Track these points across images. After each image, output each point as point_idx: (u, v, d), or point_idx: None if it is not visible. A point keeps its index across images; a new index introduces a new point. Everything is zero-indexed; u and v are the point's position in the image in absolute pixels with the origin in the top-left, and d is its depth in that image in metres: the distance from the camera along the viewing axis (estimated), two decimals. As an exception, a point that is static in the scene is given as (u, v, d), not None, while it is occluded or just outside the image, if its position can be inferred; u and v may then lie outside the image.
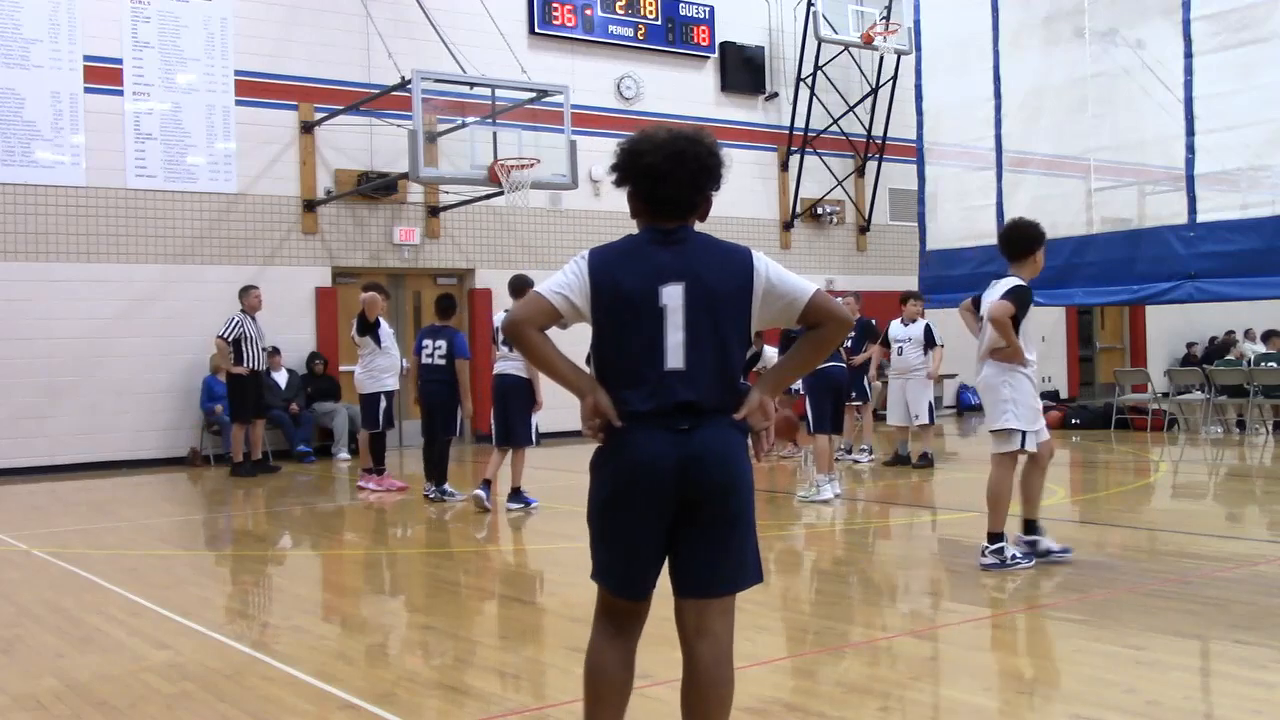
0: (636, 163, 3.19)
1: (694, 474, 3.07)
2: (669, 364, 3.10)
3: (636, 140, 3.22)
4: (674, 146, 3.16)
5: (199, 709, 4.44)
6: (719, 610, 3.17)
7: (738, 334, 3.18)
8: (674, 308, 3.11)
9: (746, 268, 3.18)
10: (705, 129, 3.30)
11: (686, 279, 3.13)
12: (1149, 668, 4.69)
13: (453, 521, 9.80)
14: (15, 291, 13.86)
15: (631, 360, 3.13)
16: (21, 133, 13.98)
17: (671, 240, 3.19)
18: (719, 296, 3.14)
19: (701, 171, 3.18)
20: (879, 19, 19.26)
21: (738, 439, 3.17)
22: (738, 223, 19.22)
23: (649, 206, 3.22)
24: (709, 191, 3.23)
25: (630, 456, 3.10)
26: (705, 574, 3.15)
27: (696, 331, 3.11)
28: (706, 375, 3.11)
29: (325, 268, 15.91)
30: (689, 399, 3.08)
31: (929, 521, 9.23)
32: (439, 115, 15.51)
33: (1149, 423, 16.03)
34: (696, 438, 3.08)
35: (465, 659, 5.24)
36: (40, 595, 6.74)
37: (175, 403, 14.74)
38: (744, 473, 3.16)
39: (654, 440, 3.08)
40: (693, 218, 3.25)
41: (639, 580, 3.18)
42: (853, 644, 5.28)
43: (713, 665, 3.16)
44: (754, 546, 3.22)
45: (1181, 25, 13.56)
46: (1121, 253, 14.52)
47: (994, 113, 15.91)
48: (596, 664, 3.24)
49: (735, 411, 3.15)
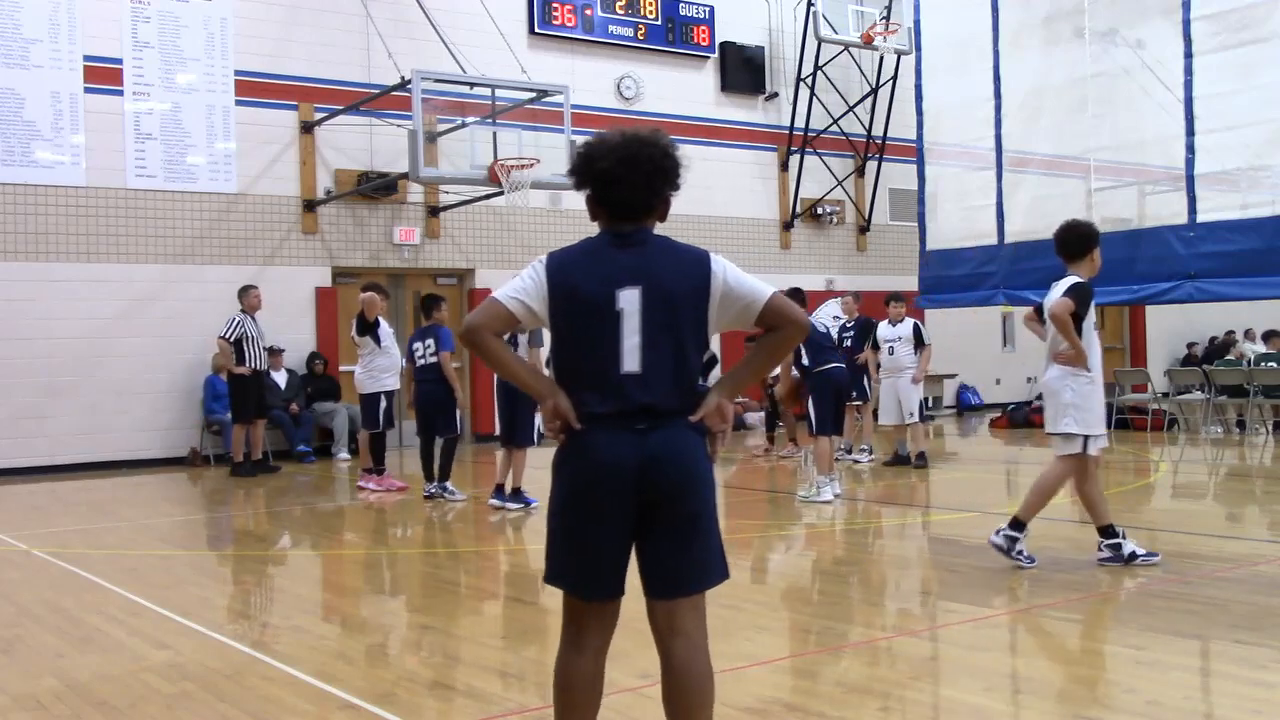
0: (590, 167, 3.21)
1: (652, 475, 3.10)
2: (625, 367, 3.12)
3: (591, 145, 3.24)
4: (627, 150, 3.17)
5: (199, 709, 4.44)
6: (689, 608, 3.20)
7: (695, 337, 3.20)
8: (630, 311, 3.13)
9: (704, 270, 3.20)
10: (661, 129, 3.30)
11: (643, 282, 3.15)
12: (1149, 668, 4.69)
13: (453, 521, 9.81)
14: (15, 291, 13.86)
15: (589, 363, 3.16)
16: (21, 133, 13.99)
17: (629, 243, 3.21)
18: (675, 299, 3.16)
19: (655, 174, 3.19)
20: (879, 19, 19.27)
21: (695, 440, 3.19)
22: (737, 223, 19.24)
23: (605, 210, 3.24)
24: (665, 194, 3.24)
25: (590, 458, 3.13)
26: (671, 575, 3.18)
27: (653, 334, 3.13)
28: (663, 378, 3.14)
29: (325, 268, 15.91)
30: (646, 401, 3.11)
31: (929, 521, 9.23)
32: (439, 115, 15.51)
33: (1149, 423, 16.03)
34: (654, 439, 3.11)
35: (465, 659, 5.24)
36: (40, 595, 6.74)
37: (175, 403, 14.74)
38: (702, 473, 3.19)
39: (613, 442, 3.10)
40: (651, 219, 3.27)
41: (596, 581, 3.19)
42: (853, 644, 5.28)
43: (689, 661, 3.19)
44: (718, 544, 3.24)
45: (1181, 25, 13.57)
46: (1121, 253, 14.49)
47: (994, 113, 15.91)
48: (564, 672, 3.25)
49: (692, 414, 3.17)
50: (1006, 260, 15.92)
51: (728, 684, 4.54)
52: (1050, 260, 17.19)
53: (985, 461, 14.12)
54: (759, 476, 12.64)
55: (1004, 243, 15.95)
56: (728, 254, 14.11)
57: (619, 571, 3.19)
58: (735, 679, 4.62)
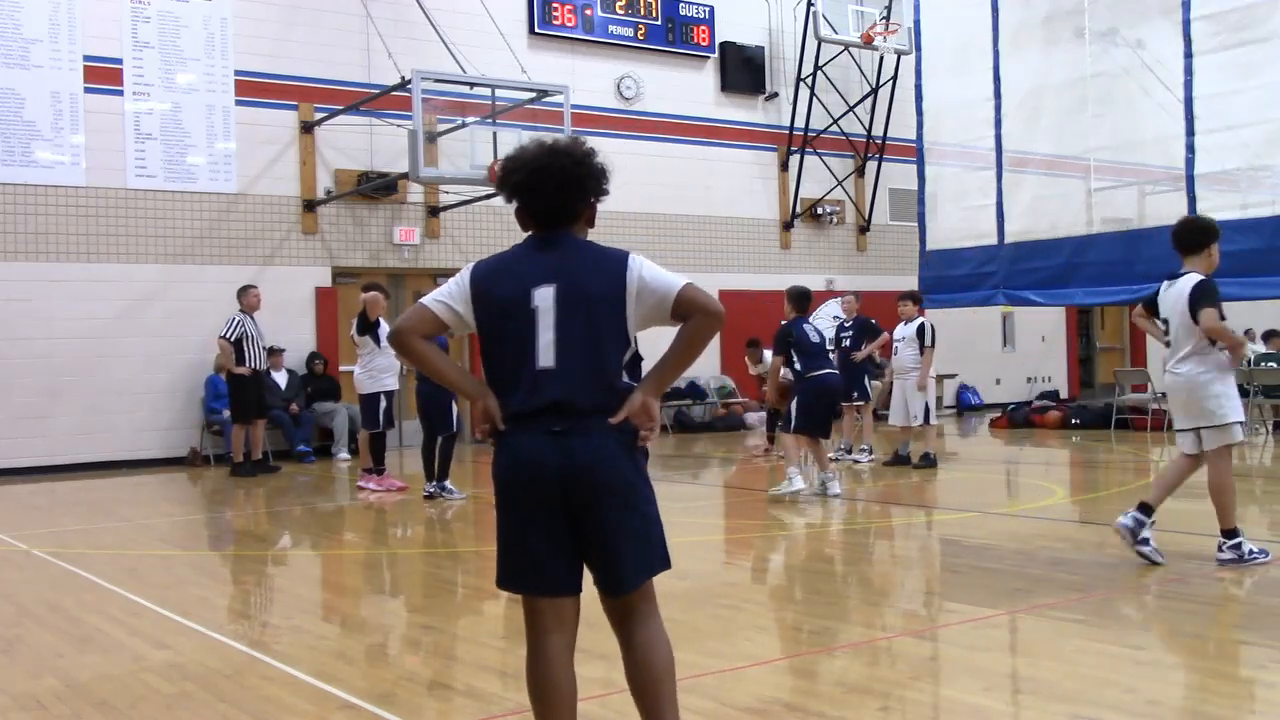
0: (508, 180, 3.34)
1: (572, 480, 3.16)
2: (540, 363, 3.19)
3: (509, 158, 3.37)
4: (538, 163, 3.28)
5: (199, 709, 4.44)
6: (638, 598, 3.29)
7: (614, 335, 3.24)
8: (545, 309, 3.21)
9: (620, 268, 3.25)
10: (580, 138, 3.39)
11: (559, 280, 3.22)
12: (1149, 668, 4.69)
13: (453, 521, 9.81)
14: (15, 291, 13.86)
15: (508, 362, 3.24)
16: (21, 133, 13.99)
17: (548, 245, 3.31)
18: (592, 297, 3.21)
19: (567, 184, 3.29)
20: (879, 19, 19.26)
21: (615, 443, 3.22)
22: (737, 223, 19.24)
23: (529, 218, 3.35)
24: (581, 201, 3.32)
25: (511, 456, 3.24)
26: (609, 574, 3.26)
27: (568, 331, 3.19)
28: (578, 374, 3.18)
29: (325, 268, 15.91)
30: (559, 397, 3.16)
31: (929, 521, 9.23)
32: (439, 115, 15.50)
33: (1149, 423, 16.02)
34: (571, 443, 3.16)
35: (465, 659, 5.24)
36: (40, 595, 6.74)
37: (175, 403, 14.74)
38: (625, 471, 3.22)
39: (531, 441, 3.19)
40: (575, 225, 3.35)
41: (538, 577, 3.26)
42: (853, 644, 5.28)
43: (646, 643, 3.28)
44: (656, 535, 3.30)
45: (1181, 25, 13.57)
46: (1121, 253, 14.52)
47: (994, 113, 15.91)
48: (533, 674, 3.32)
49: (615, 412, 3.21)
50: (1006, 260, 15.92)
51: (728, 684, 4.55)
52: (1050, 260, 17.19)
53: (985, 461, 14.12)
54: (759, 476, 12.63)
55: (1004, 243, 15.96)
56: (728, 254, 14.25)
57: (563, 568, 3.25)
58: (735, 679, 4.62)
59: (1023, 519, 9.09)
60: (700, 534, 8.87)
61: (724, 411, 18.56)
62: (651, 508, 3.31)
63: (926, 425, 12.26)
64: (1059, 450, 14.93)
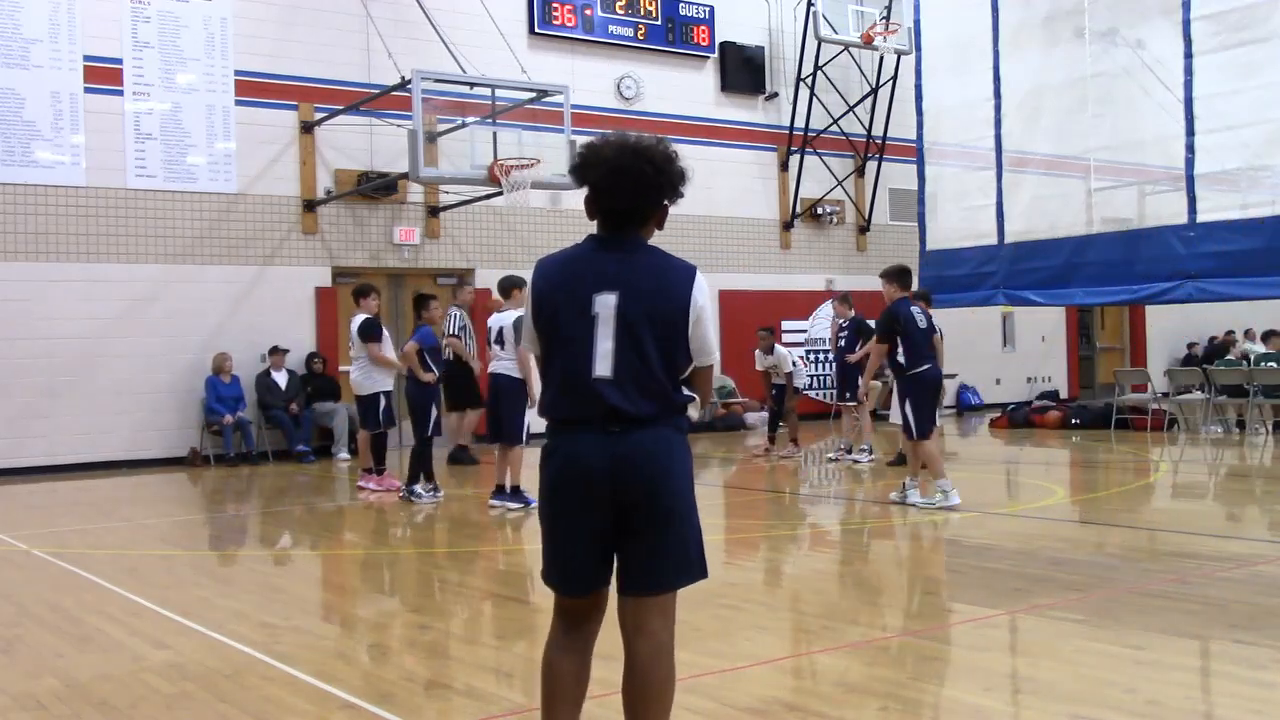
0: (585, 175, 3.26)
1: (624, 476, 3.15)
2: (596, 371, 3.17)
3: (588, 149, 3.28)
4: (619, 161, 3.20)
5: (199, 709, 4.44)
6: (656, 608, 3.24)
7: (671, 351, 3.21)
8: (605, 316, 3.17)
9: (686, 290, 3.23)
10: (664, 138, 3.31)
11: (621, 288, 3.18)
12: (1149, 668, 4.69)
13: (452, 521, 9.80)
14: (15, 291, 13.85)
15: (564, 366, 3.22)
16: (21, 133, 13.98)
17: (614, 249, 3.25)
18: (654, 312, 3.18)
19: (645, 188, 3.21)
20: (879, 19, 19.26)
21: (669, 438, 3.22)
22: (738, 222, 19.23)
23: (599, 215, 3.30)
24: (654, 206, 3.26)
25: (562, 458, 3.22)
26: (641, 572, 3.23)
27: (627, 340, 3.16)
28: (635, 384, 3.16)
29: (325, 268, 15.90)
30: (616, 406, 3.15)
31: (929, 521, 9.22)
32: (439, 115, 15.50)
33: (1149, 423, 16.02)
34: (627, 440, 3.15)
35: (464, 659, 5.24)
36: (40, 595, 6.74)
37: (175, 403, 14.73)
38: (676, 473, 3.22)
39: (584, 442, 3.17)
40: (645, 228, 3.30)
41: (576, 577, 3.26)
42: (853, 644, 5.28)
43: (650, 660, 3.23)
44: (695, 542, 3.29)
45: (1181, 25, 13.57)
46: (1121, 253, 14.52)
47: (994, 113, 15.91)
48: (551, 663, 3.32)
49: (673, 419, 3.22)
50: (1006, 260, 15.92)
51: (728, 684, 4.55)
52: (1050, 260, 17.24)
53: (985, 461, 14.12)
54: (759, 476, 12.63)
55: (1004, 243, 15.96)
56: (728, 254, 14.26)
57: (597, 568, 3.25)
58: (735, 679, 4.62)
59: (1023, 519, 9.10)
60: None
61: (724, 411, 18.56)
62: (695, 514, 3.30)
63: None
64: (1059, 450, 14.93)
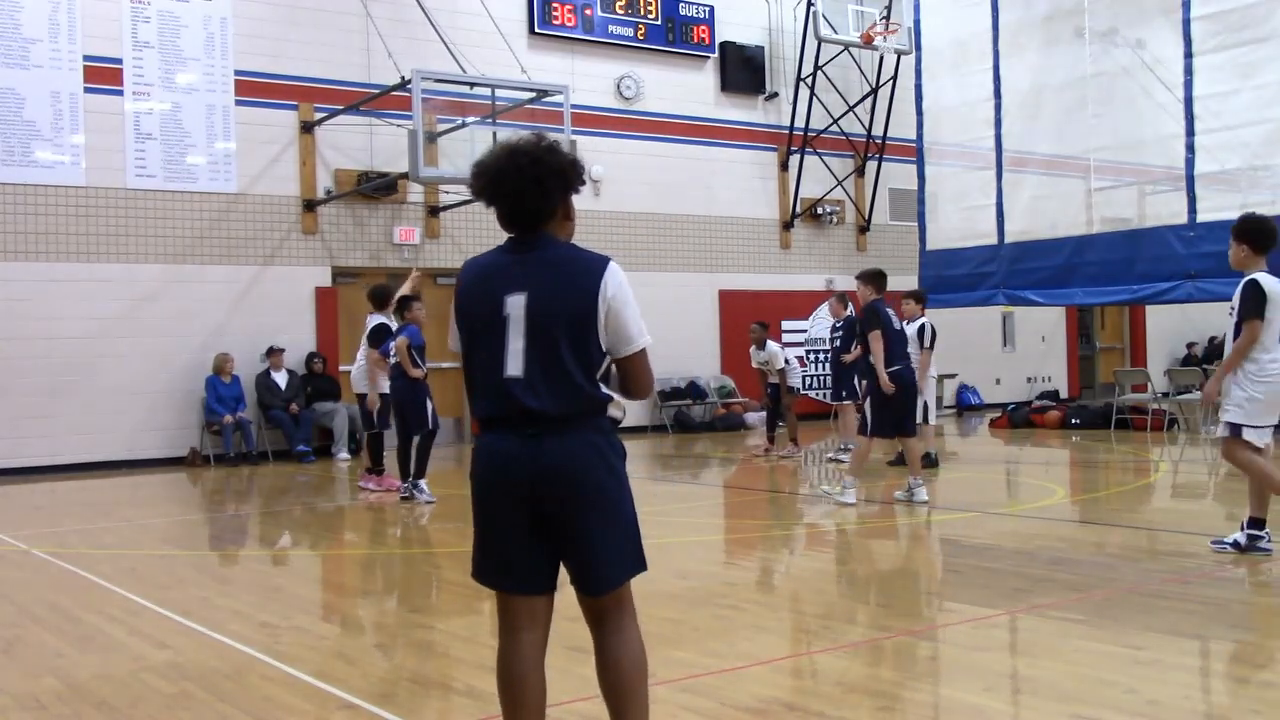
0: (476, 187, 3.31)
1: (544, 486, 3.17)
2: (508, 371, 3.19)
3: (475, 165, 3.33)
4: (496, 165, 3.24)
5: (199, 709, 4.44)
6: (611, 601, 3.29)
7: (583, 348, 3.19)
8: (515, 317, 3.19)
9: (594, 283, 3.19)
10: (542, 135, 3.30)
11: (529, 289, 3.20)
12: (1149, 668, 4.69)
13: (451, 521, 9.80)
14: (15, 291, 13.86)
15: (480, 368, 3.25)
16: (21, 133, 13.99)
17: (523, 249, 3.27)
18: (561, 311, 3.18)
19: (524, 185, 3.20)
20: (879, 19, 19.26)
21: (588, 440, 3.21)
22: (738, 222, 19.24)
23: (503, 221, 3.31)
24: (543, 202, 3.24)
25: (483, 458, 3.26)
26: (584, 574, 3.26)
27: (536, 342, 3.18)
28: (548, 383, 3.17)
29: (325, 268, 15.91)
30: (530, 406, 3.16)
31: (929, 521, 9.22)
32: (439, 115, 15.50)
33: (1149, 423, 16.02)
34: (544, 446, 3.16)
35: (465, 659, 5.24)
36: (40, 595, 6.74)
37: (175, 403, 14.74)
38: (599, 474, 3.21)
39: (504, 442, 3.20)
40: (549, 224, 3.29)
41: (508, 575, 3.29)
42: (853, 644, 5.28)
43: (617, 649, 3.28)
44: (631, 537, 3.29)
45: (1181, 25, 13.57)
46: (1121, 253, 14.52)
47: (994, 113, 15.91)
48: (502, 671, 3.32)
49: (590, 417, 3.21)
50: (1006, 260, 15.92)
51: (728, 684, 4.55)
52: (1050, 260, 17.19)
53: (985, 461, 14.11)
54: (759, 476, 12.63)
55: (1004, 243, 15.96)
56: (728, 254, 14.24)
57: (533, 568, 3.26)
58: (735, 679, 4.62)
59: (1023, 519, 9.09)
60: (700, 534, 8.88)
61: (724, 411, 18.56)
62: (626, 509, 3.28)
63: (925, 425, 12.25)
64: (1059, 450, 14.93)
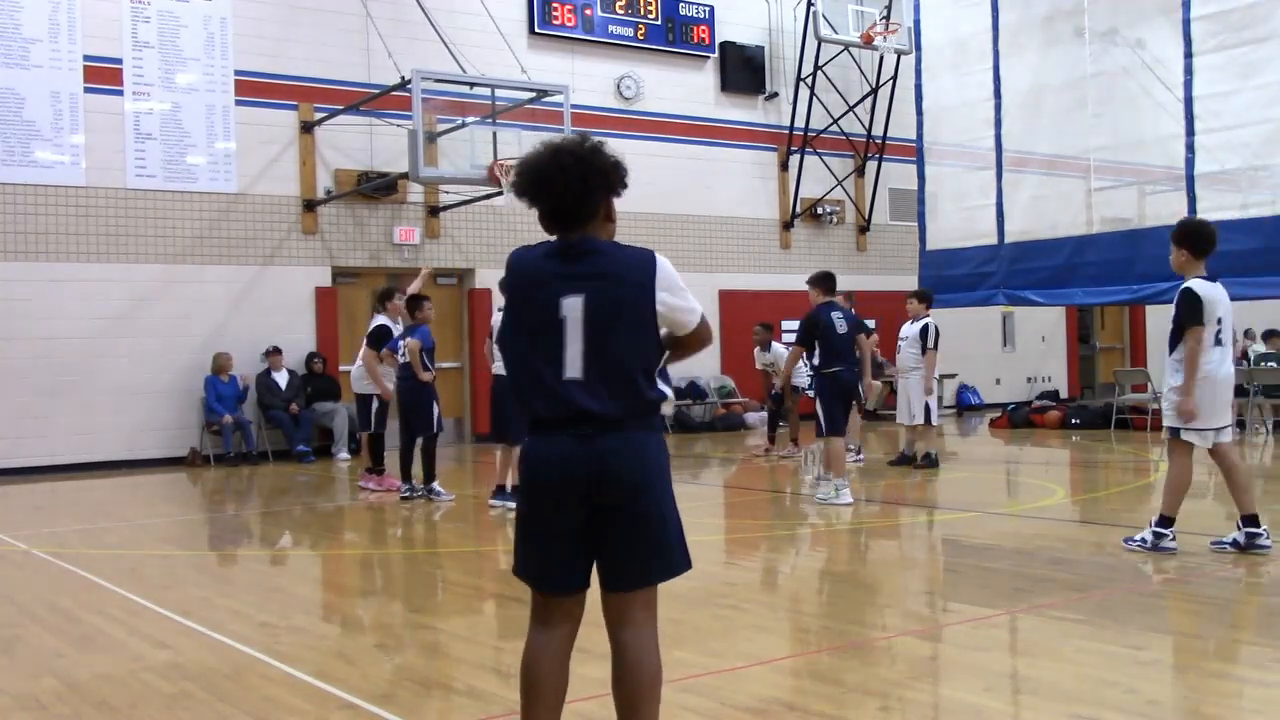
0: (519, 185, 3.32)
1: (601, 480, 3.18)
2: (567, 374, 3.21)
3: (518, 164, 3.36)
4: (540, 164, 3.26)
5: (199, 709, 4.44)
6: (640, 603, 3.29)
7: (642, 345, 3.24)
8: (573, 319, 3.20)
9: (648, 277, 3.24)
10: (586, 135, 3.33)
11: (586, 291, 3.21)
12: (1149, 668, 4.69)
13: (451, 521, 9.81)
14: (15, 291, 13.85)
15: (535, 369, 3.25)
16: (21, 133, 13.98)
17: (572, 251, 3.27)
18: (620, 310, 3.21)
19: (569, 184, 3.22)
20: (879, 19, 19.25)
21: (644, 438, 3.25)
22: (738, 222, 19.24)
23: (545, 221, 3.33)
24: (587, 202, 3.26)
25: (540, 461, 3.25)
26: (622, 570, 3.26)
27: (596, 343, 3.20)
28: (606, 385, 3.19)
29: (325, 267, 15.91)
30: (589, 408, 3.18)
31: (929, 521, 9.23)
32: (439, 115, 15.50)
33: (1149, 423, 16.01)
34: (600, 443, 3.18)
35: (465, 659, 5.24)
36: (40, 595, 6.74)
37: (175, 403, 14.74)
38: (652, 471, 3.25)
39: (558, 444, 3.21)
40: (592, 225, 3.31)
41: (551, 575, 3.30)
42: (853, 644, 5.28)
43: (638, 652, 3.27)
44: (676, 536, 3.31)
45: (1181, 25, 13.57)
46: (1121, 253, 14.52)
47: (994, 113, 15.91)
48: (529, 662, 3.35)
49: (645, 416, 3.24)
50: (1006, 260, 15.93)
51: (728, 684, 4.55)
52: (1050, 260, 17.14)
53: (985, 461, 14.11)
54: (760, 476, 12.63)
55: (1004, 243, 15.96)
56: (728, 254, 14.26)
57: (575, 567, 3.28)
58: (735, 679, 4.62)
59: (1023, 519, 9.09)
60: (700, 534, 8.87)
61: (724, 411, 18.56)
62: (674, 510, 3.33)
63: (928, 425, 12.25)
64: (1059, 450, 14.93)
